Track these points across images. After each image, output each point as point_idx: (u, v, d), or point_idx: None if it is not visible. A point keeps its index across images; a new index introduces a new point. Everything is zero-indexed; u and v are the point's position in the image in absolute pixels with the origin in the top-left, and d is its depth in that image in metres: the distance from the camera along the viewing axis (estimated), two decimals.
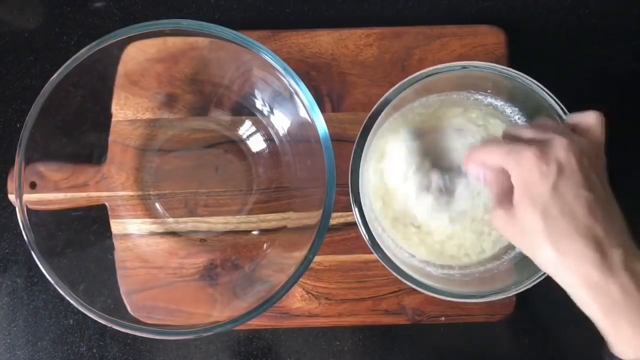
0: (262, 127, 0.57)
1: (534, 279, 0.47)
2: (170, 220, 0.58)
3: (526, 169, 0.39)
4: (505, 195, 0.42)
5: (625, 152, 0.53)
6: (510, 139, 0.44)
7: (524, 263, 0.50)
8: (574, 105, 0.46)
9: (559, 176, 0.39)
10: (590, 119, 0.42)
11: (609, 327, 0.39)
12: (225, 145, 0.58)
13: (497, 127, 0.52)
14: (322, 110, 0.51)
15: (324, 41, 0.57)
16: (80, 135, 0.54)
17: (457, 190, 0.52)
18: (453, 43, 0.57)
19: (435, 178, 0.51)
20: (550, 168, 0.39)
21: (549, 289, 0.57)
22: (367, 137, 0.48)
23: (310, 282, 0.57)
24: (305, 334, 0.59)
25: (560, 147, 0.39)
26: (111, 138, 0.56)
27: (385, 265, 0.48)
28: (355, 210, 0.48)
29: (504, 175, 0.42)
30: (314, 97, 0.48)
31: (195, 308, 0.54)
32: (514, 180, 0.41)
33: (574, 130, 0.43)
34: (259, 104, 0.56)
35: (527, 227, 0.40)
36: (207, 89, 0.56)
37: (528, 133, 0.43)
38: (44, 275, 0.47)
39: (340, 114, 0.57)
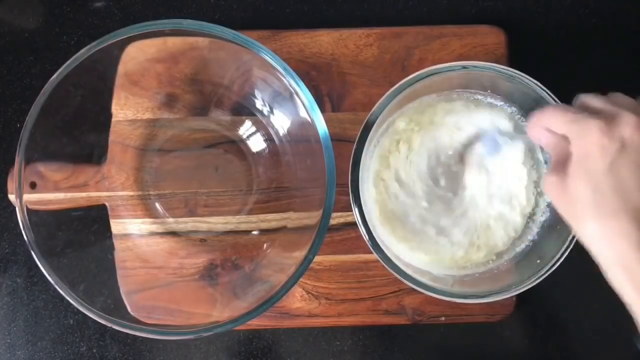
0: (262, 127, 0.57)
1: (534, 279, 0.47)
2: (170, 220, 0.58)
3: (587, 141, 0.38)
4: (561, 163, 0.41)
5: None
6: (580, 106, 0.42)
7: (524, 263, 0.51)
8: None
9: (620, 153, 0.38)
10: None
11: None
12: (225, 145, 0.58)
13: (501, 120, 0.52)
14: (322, 110, 0.51)
15: (324, 41, 0.57)
16: (80, 135, 0.54)
17: (457, 193, 0.52)
18: (453, 43, 0.57)
19: (433, 181, 0.51)
20: (612, 143, 0.38)
21: (549, 289, 0.58)
22: (367, 137, 0.48)
23: (310, 282, 0.57)
24: (305, 334, 0.59)
25: (627, 124, 0.38)
26: (111, 138, 0.56)
27: (385, 265, 0.48)
28: (355, 210, 0.48)
29: (564, 142, 0.41)
30: (314, 97, 0.48)
31: (195, 308, 0.54)
32: (573, 149, 0.40)
33: None
34: (259, 104, 0.56)
35: (576, 198, 0.39)
36: (207, 89, 0.56)
37: (599, 103, 0.41)
38: (44, 275, 0.47)
39: (340, 114, 0.57)
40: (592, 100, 0.41)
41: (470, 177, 0.51)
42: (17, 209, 0.48)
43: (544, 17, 0.60)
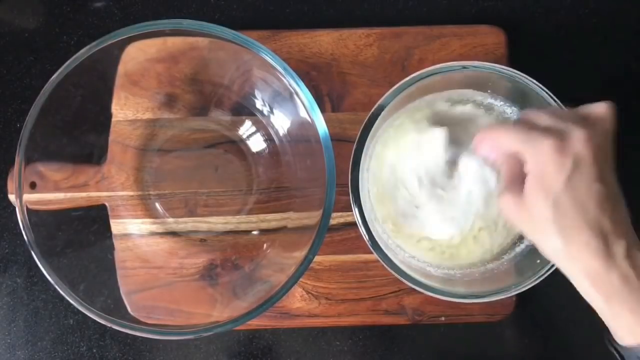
0: (262, 127, 0.57)
1: (534, 279, 0.47)
2: (170, 220, 0.58)
3: (543, 160, 0.39)
4: (515, 181, 0.42)
5: (625, 152, 0.53)
6: (527, 123, 0.43)
7: (524, 263, 0.50)
8: (574, 105, 0.46)
9: (575, 169, 0.39)
10: (601, 110, 0.42)
11: (610, 315, 0.40)
12: (225, 145, 0.58)
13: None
14: (322, 110, 0.51)
15: (324, 41, 0.57)
16: (80, 135, 0.54)
17: (459, 189, 0.52)
18: (453, 43, 0.57)
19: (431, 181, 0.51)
20: (567, 161, 0.39)
21: (549, 289, 0.58)
22: (367, 136, 0.48)
23: (310, 282, 0.57)
24: (305, 334, 0.59)
25: (578, 140, 0.39)
26: (111, 138, 0.56)
27: (385, 265, 0.48)
28: (355, 210, 0.48)
29: (515, 160, 0.42)
30: (314, 97, 0.48)
31: (195, 308, 0.54)
32: (528, 168, 0.41)
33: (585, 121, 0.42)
34: (259, 104, 0.56)
35: (536, 216, 0.40)
36: (207, 89, 0.56)
37: (545, 120, 0.42)
38: (44, 275, 0.47)
39: (340, 114, 0.57)
40: (538, 117, 0.42)
41: (467, 178, 0.51)
42: (17, 209, 0.48)
43: (544, 17, 0.60)
